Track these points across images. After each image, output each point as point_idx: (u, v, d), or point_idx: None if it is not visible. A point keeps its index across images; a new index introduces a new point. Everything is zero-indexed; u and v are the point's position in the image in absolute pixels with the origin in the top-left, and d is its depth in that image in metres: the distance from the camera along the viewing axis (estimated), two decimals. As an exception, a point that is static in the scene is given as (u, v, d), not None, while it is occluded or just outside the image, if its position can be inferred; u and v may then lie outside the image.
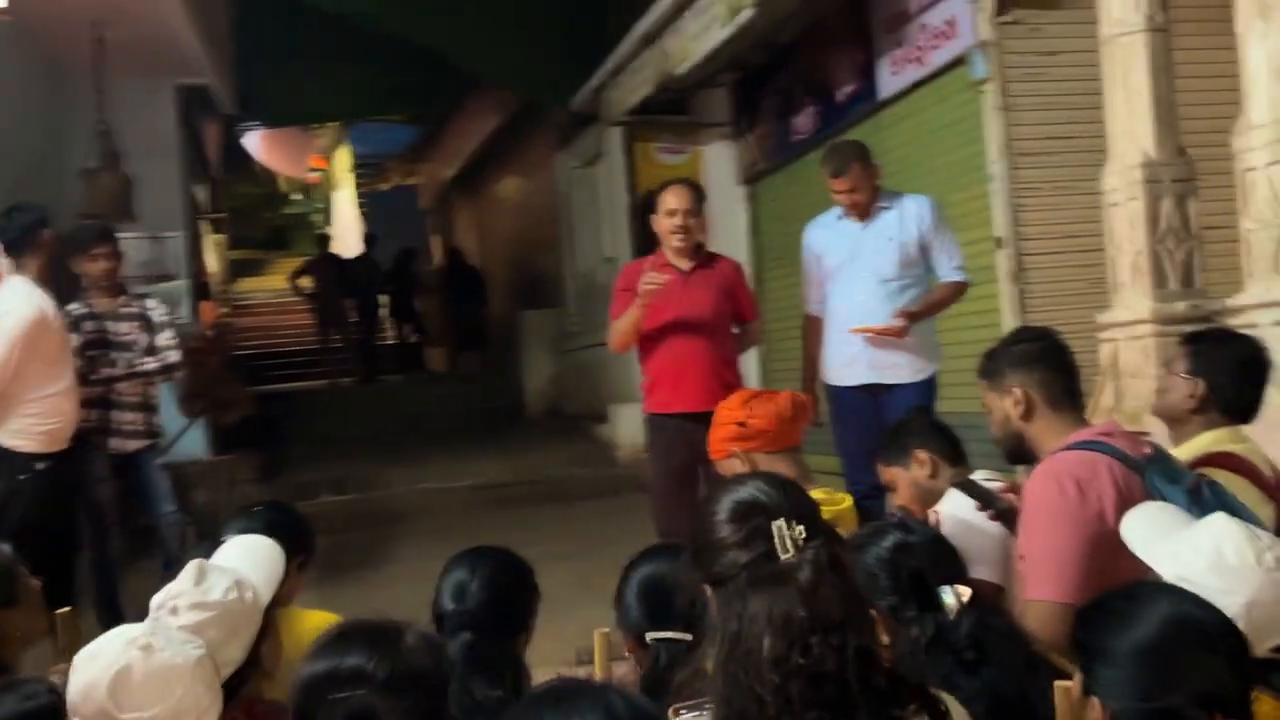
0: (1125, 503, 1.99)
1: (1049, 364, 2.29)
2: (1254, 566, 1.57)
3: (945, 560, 1.93)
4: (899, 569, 1.89)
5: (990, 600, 1.91)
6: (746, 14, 6.06)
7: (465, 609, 1.98)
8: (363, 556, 6.28)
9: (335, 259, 12.51)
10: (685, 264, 4.18)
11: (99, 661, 1.60)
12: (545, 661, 3.75)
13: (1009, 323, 5.56)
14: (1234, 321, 3.30)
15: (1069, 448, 2.15)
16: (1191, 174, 3.73)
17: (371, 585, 5.66)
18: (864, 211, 4.18)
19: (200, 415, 6.51)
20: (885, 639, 1.99)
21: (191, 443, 6.52)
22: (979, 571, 2.22)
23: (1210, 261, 3.78)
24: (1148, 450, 2.16)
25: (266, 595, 2.06)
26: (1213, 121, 4.59)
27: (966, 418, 5.29)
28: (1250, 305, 3.25)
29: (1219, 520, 1.71)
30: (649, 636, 1.97)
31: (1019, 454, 2.33)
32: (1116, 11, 3.76)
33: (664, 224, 4.18)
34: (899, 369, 4.15)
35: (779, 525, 1.35)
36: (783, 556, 1.34)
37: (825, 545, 1.36)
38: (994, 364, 2.33)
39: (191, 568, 1.91)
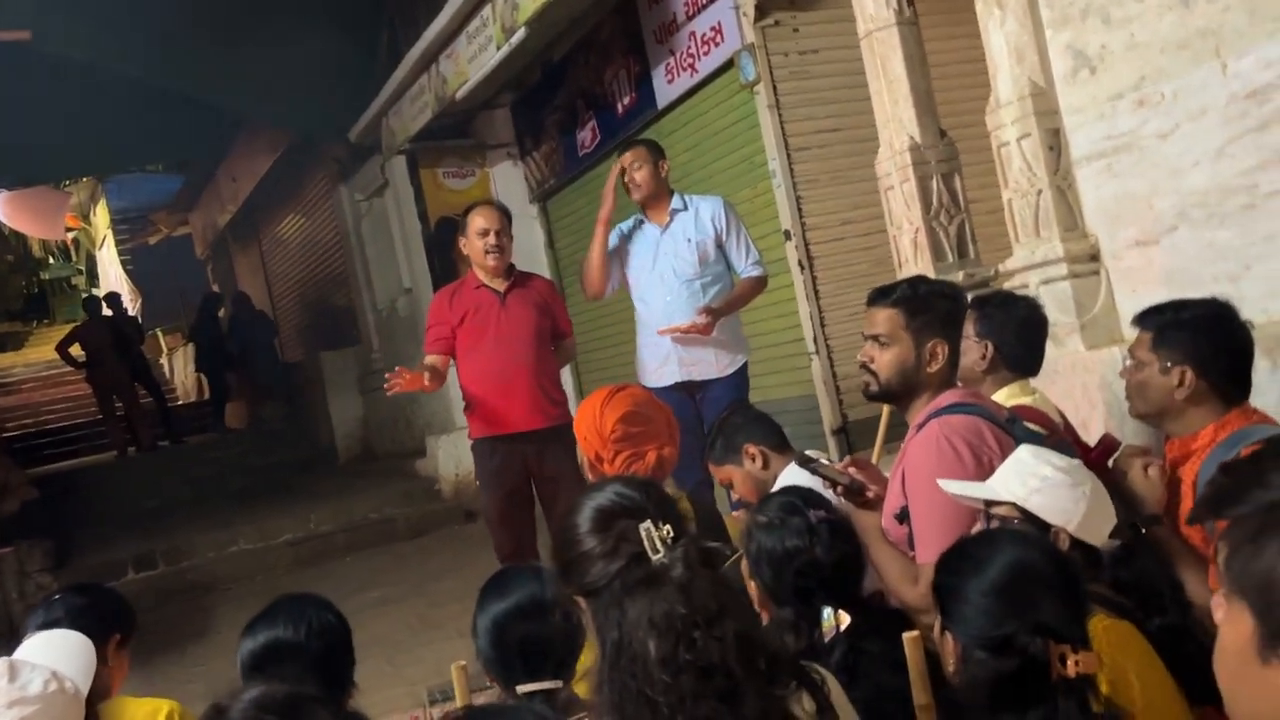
0: None
1: (960, 330, 2.35)
2: (1077, 465, 1.84)
3: (840, 577, 1.98)
4: (789, 570, 1.94)
5: (873, 622, 1.93)
6: (520, 34, 6.09)
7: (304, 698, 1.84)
8: (178, 632, 5.91)
9: (107, 322, 11.67)
10: (500, 284, 4.17)
11: None
12: (395, 708, 3.65)
13: (805, 310, 5.83)
14: (1008, 284, 3.58)
15: (947, 409, 2.22)
16: (954, 154, 4.02)
17: (191, 660, 5.34)
18: (646, 196, 4.27)
19: (-27, 507, 5.92)
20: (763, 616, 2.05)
21: (-33, 539, 5.92)
22: None
23: (980, 232, 4.09)
24: (1005, 413, 2.30)
25: (85, 685, 1.92)
26: (967, 104, 5.00)
27: (775, 404, 5.52)
28: (1019, 268, 3.54)
29: (1028, 448, 1.93)
30: (519, 689, 1.91)
31: (891, 399, 2.37)
32: (870, 8, 4.01)
33: (477, 245, 4.15)
34: (709, 364, 4.28)
35: (646, 527, 1.35)
36: (654, 557, 1.34)
37: (693, 540, 1.37)
38: (925, 314, 2.28)
39: (1, 665, 1.75)
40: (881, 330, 2.32)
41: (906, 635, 1.51)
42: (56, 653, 1.95)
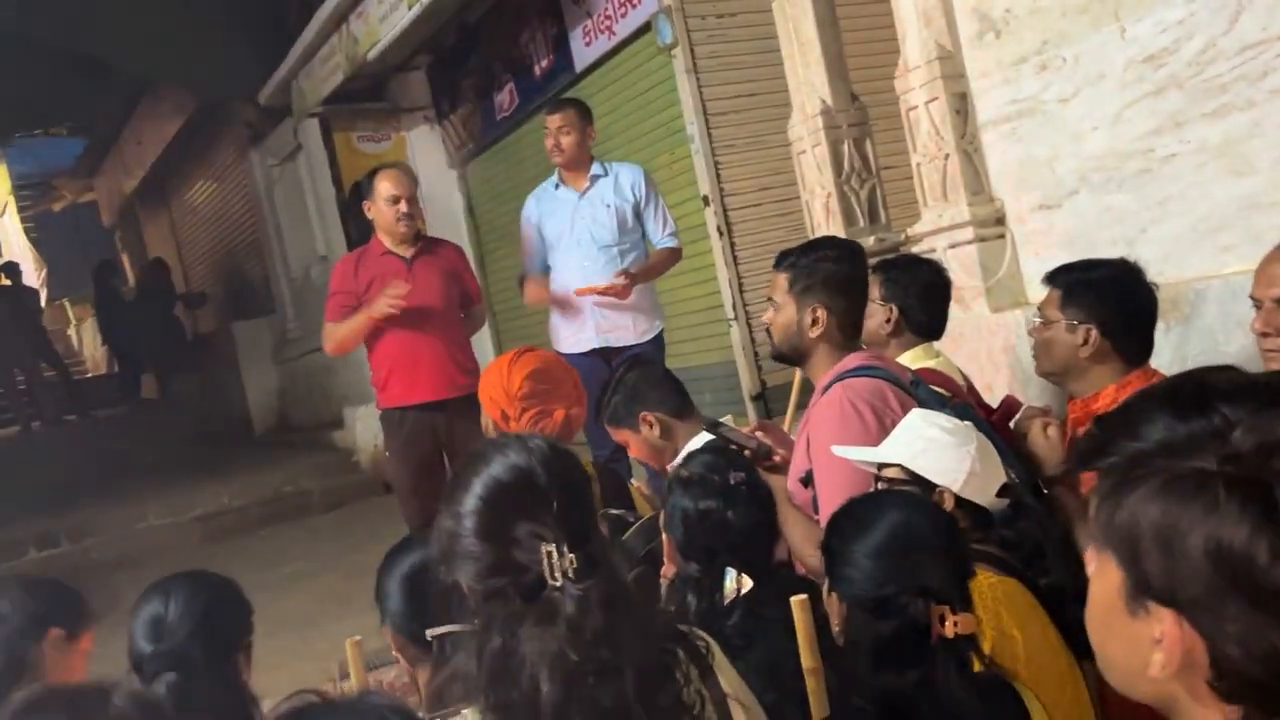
0: None
1: (855, 293, 2.33)
2: (965, 426, 1.86)
3: (750, 541, 1.95)
4: (700, 528, 1.92)
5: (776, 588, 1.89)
6: (431, -8, 5.93)
7: (163, 648, 1.77)
8: (84, 612, 5.70)
9: (6, 292, 11.22)
10: (407, 251, 4.06)
11: None
12: (303, 684, 3.58)
13: (724, 276, 5.82)
14: (916, 248, 3.60)
15: (851, 372, 2.21)
16: (865, 118, 4.02)
17: (94, 641, 5.15)
18: (569, 160, 4.20)
19: None
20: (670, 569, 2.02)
21: None
22: None
23: (892, 198, 4.10)
24: (909, 375, 2.29)
25: None
26: (879, 69, 5.01)
27: (694, 371, 5.52)
28: (927, 232, 3.56)
29: (917, 411, 1.95)
30: (429, 634, 1.87)
31: (788, 360, 2.37)
32: (782, -30, 3.98)
33: (387, 212, 4.02)
34: (625, 330, 4.24)
35: (550, 551, 1.22)
36: (550, 582, 1.23)
37: (600, 578, 1.25)
38: (805, 275, 2.27)
39: None
40: (774, 294, 2.34)
41: (794, 599, 1.49)
42: None
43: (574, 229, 4.25)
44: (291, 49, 7.76)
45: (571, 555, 1.22)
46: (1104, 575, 0.81)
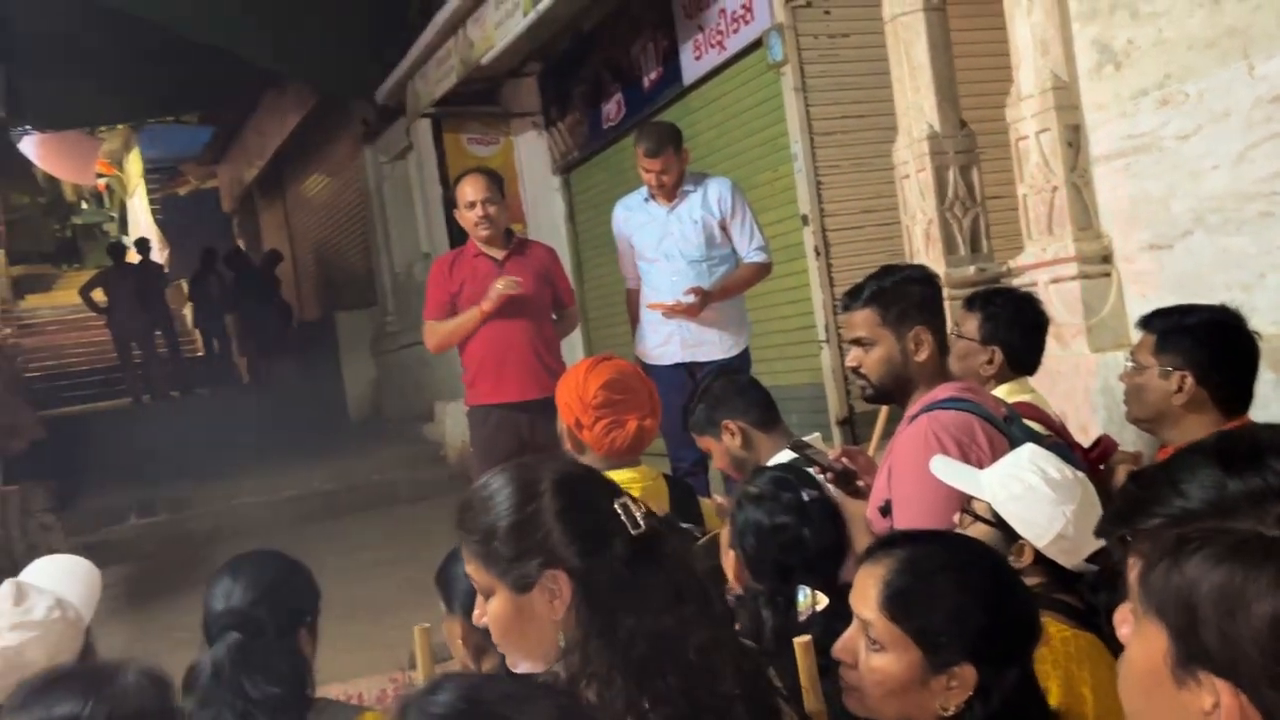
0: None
1: (942, 312, 2.28)
2: (1073, 480, 1.76)
3: (823, 560, 1.94)
4: (773, 544, 1.91)
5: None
6: (546, 2, 6.02)
7: (230, 608, 1.87)
8: (175, 580, 5.92)
9: (131, 269, 11.75)
10: (498, 253, 4.13)
11: None
12: (374, 669, 3.64)
13: (818, 298, 5.76)
14: (1017, 281, 3.51)
15: (941, 404, 2.15)
16: (973, 145, 3.93)
17: (183, 609, 5.34)
18: (670, 194, 4.22)
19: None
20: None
21: (-27, 474, 5.97)
22: None
23: (995, 229, 4.00)
24: (1004, 410, 2.22)
25: (88, 614, 1.91)
26: (991, 98, 4.90)
27: (782, 391, 5.46)
28: (1029, 265, 3.46)
29: (1030, 448, 1.86)
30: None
31: (890, 398, 2.31)
32: (897, -8, 3.93)
33: (466, 216, 4.12)
34: (711, 346, 4.22)
35: (624, 503, 1.35)
36: (634, 531, 1.34)
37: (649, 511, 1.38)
38: (899, 304, 2.22)
39: (8, 587, 1.78)
40: (862, 332, 2.26)
41: (797, 641, 1.47)
42: (66, 575, 1.94)
43: (662, 244, 4.26)
44: (409, 50, 7.97)
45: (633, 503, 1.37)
46: (1146, 641, 0.77)
